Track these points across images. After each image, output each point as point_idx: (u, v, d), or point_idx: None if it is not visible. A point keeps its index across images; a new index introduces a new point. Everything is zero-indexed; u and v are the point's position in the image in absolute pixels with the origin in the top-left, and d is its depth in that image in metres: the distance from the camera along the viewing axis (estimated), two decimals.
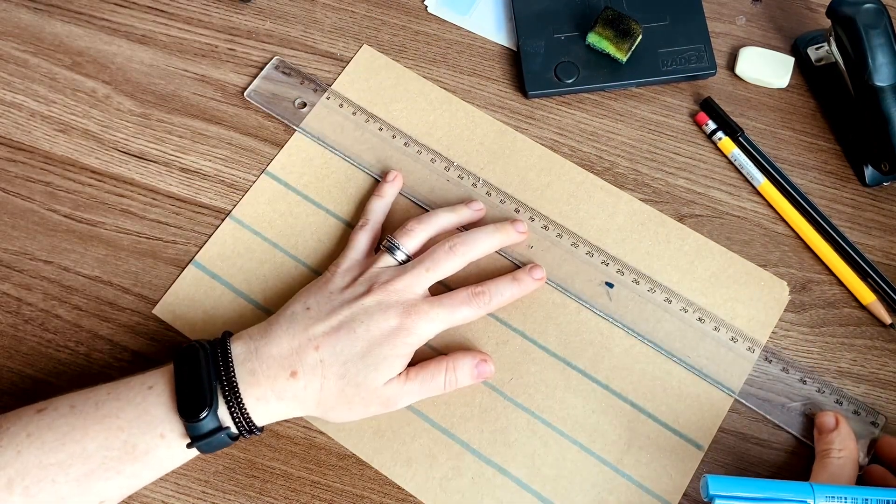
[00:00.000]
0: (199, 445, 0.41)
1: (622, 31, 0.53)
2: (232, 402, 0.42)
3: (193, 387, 0.41)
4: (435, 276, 0.46)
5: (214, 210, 0.52)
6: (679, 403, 0.47)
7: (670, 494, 0.45)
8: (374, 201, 0.50)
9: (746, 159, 0.52)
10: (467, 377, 0.46)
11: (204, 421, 0.41)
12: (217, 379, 0.42)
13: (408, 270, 0.46)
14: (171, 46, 0.56)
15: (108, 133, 0.54)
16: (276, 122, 0.54)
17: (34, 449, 0.40)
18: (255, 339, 0.44)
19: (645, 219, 0.51)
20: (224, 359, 0.42)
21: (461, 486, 0.45)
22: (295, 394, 0.43)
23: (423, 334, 0.45)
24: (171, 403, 0.41)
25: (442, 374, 0.45)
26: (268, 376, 0.42)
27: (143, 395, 0.42)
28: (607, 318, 0.48)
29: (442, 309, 0.45)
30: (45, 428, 0.41)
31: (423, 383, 0.45)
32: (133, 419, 0.41)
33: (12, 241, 0.51)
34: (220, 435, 0.41)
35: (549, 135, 0.53)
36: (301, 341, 0.43)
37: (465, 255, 0.47)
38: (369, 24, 0.57)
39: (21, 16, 0.57)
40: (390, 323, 0.44)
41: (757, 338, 0.48)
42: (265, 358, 0.43)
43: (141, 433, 0.41)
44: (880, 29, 0.48)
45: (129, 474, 0.41)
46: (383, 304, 0.44)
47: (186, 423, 0.41)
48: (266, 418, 0.43)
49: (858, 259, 0.50)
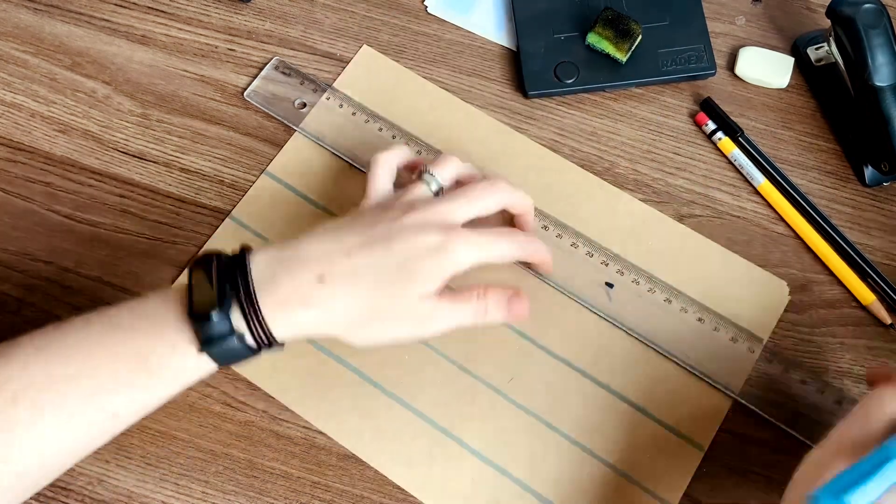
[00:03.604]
0: (211, 351, 0.38)
1: (622, 31, 0.53)
2: (247, 305, 0.38)
3: (204, 288, 0.38)
4: (474, 208, 0.44)
5: (214, 210, 0.52)
6: (679, 404, 0.47)
7: (670, 495, 0.45)
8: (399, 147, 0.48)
9: (746, 159, 0.52)
10: (498, 309, 0.44)
11: (214, 322, 0.38)
12: (231, 282, 0.39)
13: (445, 199, 0.44)
14: (171, 46, 0.56)
15: (108, 133, 0.54)
16: (275, 123, 0.54)
17: (41, 362, 0.38)
18: (278, 247, 0.41)
19: (645, 219, 0.51)
20: (241, 263, 0.40)
21: (461, 487, 0.45)
22: (322, 301, 0.40)
23: (461, 260, 0.42)
24: (183, 314, 0.39)
25: (473, 298, 0.43)
26: (291, 279, 0.39)
27: (155, 305, 0.40)
28: (607, 318, 0.48)
29: (480, 237, 0.43)
30: (55, 341, 0.39)
31: (453, 303, 0.42)
32: (146, 329, 0.39)
33: (12, 241, 0.51)
34: (232, 339, 0.38)
35: (549, 135, 0.53)
36: (332, 247, 0.41)
37: (504, 195, 0.45)
38: (369, 25, 0.57)
39: (21, 16, 0.57)
40: (429, 240, 0.41)
41: (757, 337, 0.48)
42: (288, 261, 0.40)
43: (152, 343, 0.39)
44: (880, 29, 0.48)
45: (142, 387, 0.39)
46: (422, 222, 0.42)
47: (195, 325, 0.38)
48: (288, 330, 0.40)
49: (858, 259, 0.49)
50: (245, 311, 0.38)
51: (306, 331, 0.41)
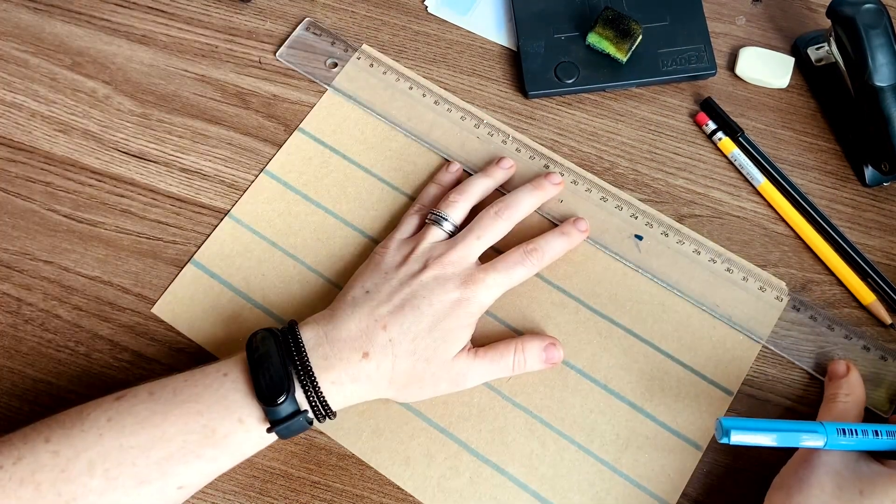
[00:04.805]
0: (279, 430, 0.42)
1: (622, 31, 0.53)
2: (308, 387, 0.42)
3: (269, 372, 0.42)
4: (485, 243, 0.47)
5: (214, 210, 0.52)
6: (677, 403, 0.47)
7: (669, 494, 0.45)
8: (431, 188, 0.51)
9: (746, 159, 0.52)
10: (536, 360, 0.47)
11: (282, 405, 0.41)
12: (291, 364, 0.42)
13: (459, 241, 0.47)
14: (171, 46, 0.56)
15: (108, 133, 0.54)
16: (275, 122, 0.54)
17: (114, 433, 0.41)
18: (321, 324, 0.44)
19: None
20: (296, 345, 0.43)
21: (459, 486, 0.45)
22: (368, 375, 0.43)
23: (484, 302, 0.46)
24: (247, 389, 0.42)
25: (511, 354, 0.46)
26: (340, 359, 0.43)
27: (219, 382, 0.42)
28: (636, 268, 0.49)
29: (497, 274, 0.46)
30: (125, 413, 0.41)
31: (492, 361, 0.46)
32: (212, 404, 0.42)
33: (12, 241, 0.51)
34: (298, 419, 0.42)
35: (549, 135, 0.53)
36: (368, 323, 0.44)
37: (511, 218, 0.48)
38: (369, 25, 0.57)
39: (21, 16, 0.57)
40: (451, 296, 0.45)
41: (783, 288, 0.49)
42: (335, 341, 0.43)
43: (220, 417, 0.41)
44: (880, 29, 0.48)
45: (209, 458, 0.42)
46: (441, 277, 0.45)
47: (266, 407, 0.41)
48: (341, 402, 0.44)
49: (858, 259, 0.49)
50: (306, 390, 0.42)
51: (356, 400, 0.45)
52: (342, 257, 0.50)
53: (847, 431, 0.40)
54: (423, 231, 0.48)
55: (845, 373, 0.46)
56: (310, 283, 0.50)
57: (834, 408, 0.44)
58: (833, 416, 0.44)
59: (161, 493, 0.41)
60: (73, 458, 0.40)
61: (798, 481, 0.40)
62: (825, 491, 0.39)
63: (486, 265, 0.46)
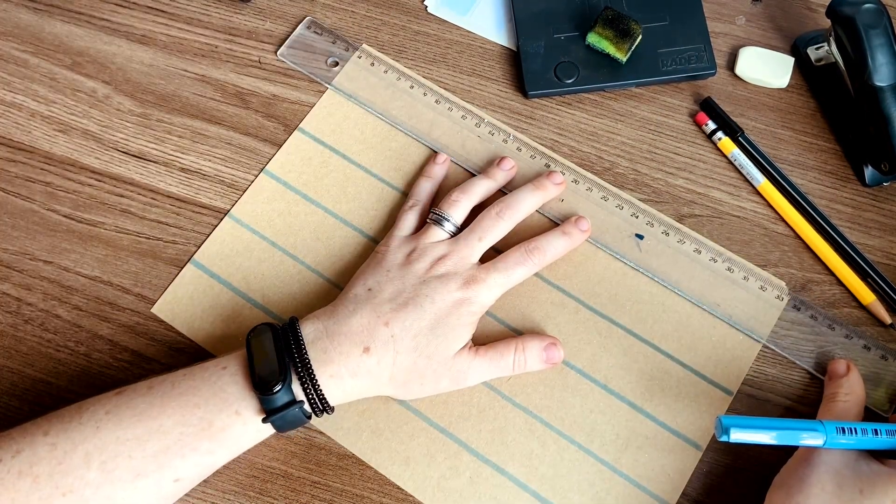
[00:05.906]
0: (274, 420, 0.42)
1: (622, 31, 0.53)
2: (305, 378, 0.42)
3: (266, 362, 0.42)
4: (486, 243, 0.48)
5: (214, 210, 0.52)
6: (677, 403, 0.47)
7: (668, 494, 0.45)
8: (422, 182, 0.51)
9: (746, 159, 0.52)
10: (536, 360, 0.47)
11: (278, 394, 0.41)
12: (289, 355, 0.43)
13: (460, 242, 0.47)
14: (171, 46, 0.56)
15: (108, 133, 0.54)
16: (275, 122, 0.54)
17: (112, 425, 0.41)
18: (322, 320, 0.45)
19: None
20: (295, 338, 0.43)
21: (459, 486, 0.45)
22: (369, 370, 0.44)
23: (486, 302, 0.46)
24: (245, 382, 0.42)
25: (511, 354, 0.46)
26: (340, 353, 0.43)
27: (217, 375, 0.43)
28: (637, 267, 0.49)
29: (498, 274, 0.46)
30: (123, 406, 0.42)
31: (492, 360, 0.46)
32: (209, 397, 0.42)
33: (12, 241, 0.51)
34: (293, 409, 0.42)
35: (548, 135, 0.53)
36: (370, 319, 0.44)
37: (512, 219, 0.48)
38: (369, 24, 0.57)
39: (21, 16, 0.57)
40: (453, 296, 0.45)
41: (783, 287, 0.49)
42: (336, 336, 0.44)
43: (217, 410, 0.42)
44: (880, 29, 0.48)
45: (206, 451, 0.42)
46: (443, 277, 0.45)
47: (261, 396, 0.41)
48: (340, 397, 0.44)
49: (858, 259, 0.49)
50: (303, 382, 0.42)
51: (355, 396, 0.45)
52: (342, 257, 0.50)
53: (847, 430, 0.40)
54: (425, 230, 0.48)
55: (845, 372, 0.46)
56: (309, 282, 0.50)
57: (834, 407, 0.44)
58: (833, 416, 0.44)
59: (157, 487, 0.41)
60: (70, 451, 0.40)
61: (798, 480, 0.40)
62: (825, 490, 0.40)
63: (487, 265, 0.47)
